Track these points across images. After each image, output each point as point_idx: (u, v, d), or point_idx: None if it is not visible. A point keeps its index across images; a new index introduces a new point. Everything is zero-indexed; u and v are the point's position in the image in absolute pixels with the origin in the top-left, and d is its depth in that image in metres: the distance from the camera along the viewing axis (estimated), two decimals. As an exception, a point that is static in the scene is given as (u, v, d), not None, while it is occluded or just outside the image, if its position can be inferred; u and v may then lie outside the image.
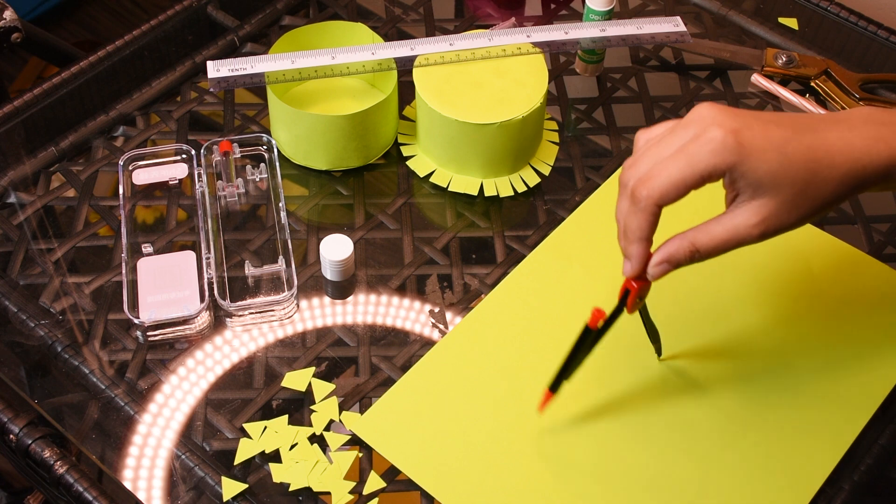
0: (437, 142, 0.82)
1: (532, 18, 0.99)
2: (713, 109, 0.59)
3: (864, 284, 0.78)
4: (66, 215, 0.82)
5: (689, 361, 0.73)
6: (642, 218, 0.60)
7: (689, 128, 0.59)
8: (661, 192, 0.59)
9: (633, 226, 0.61)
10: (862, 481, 0.69)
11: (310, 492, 0.67)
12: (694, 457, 0.69)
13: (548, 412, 0.70)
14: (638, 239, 0.62)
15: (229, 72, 0.83)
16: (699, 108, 0.60)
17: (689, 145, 0.59)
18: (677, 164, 0.59)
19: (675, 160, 0.59)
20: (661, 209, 0.60)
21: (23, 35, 1.16)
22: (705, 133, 0.58)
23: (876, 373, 0.73)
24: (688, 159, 0.58)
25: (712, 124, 0.58)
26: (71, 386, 0.72)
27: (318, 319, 0.76)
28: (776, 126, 0.59)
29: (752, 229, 0.60)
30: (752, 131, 0.58)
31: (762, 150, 0.58)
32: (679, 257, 0.62)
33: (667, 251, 0.62)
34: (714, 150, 0.58)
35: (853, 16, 0.97)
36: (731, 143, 0.57)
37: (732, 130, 0.58)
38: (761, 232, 0.60)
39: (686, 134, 0.59)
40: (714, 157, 0.58)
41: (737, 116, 0.59)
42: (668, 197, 0.59)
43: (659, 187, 0.59)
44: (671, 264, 0.62)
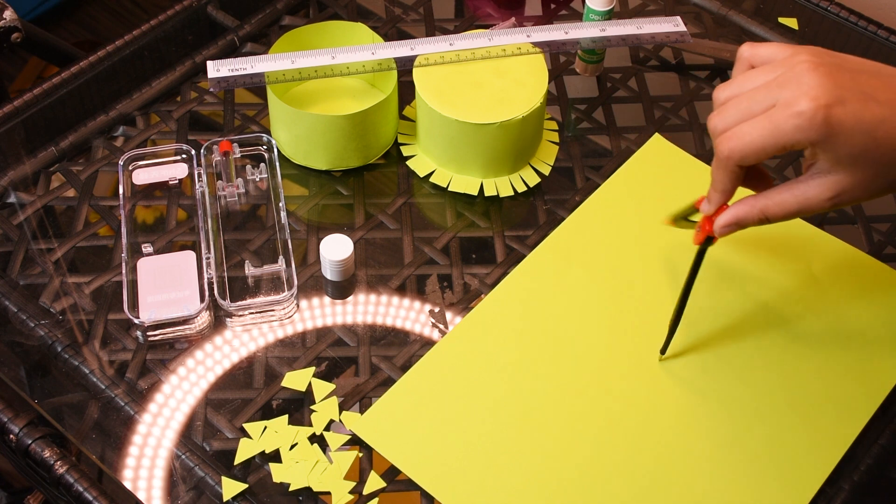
0: (437, 142, 0.82)
1: (532, 18, 0.99)
2: (813, 74, 0.57)
3: (864, 284, 0.78)
4: (66, 215, 0.82)
5: (690, 362, 0.73)
6: (722, 174, 0.61)
7: (784, 87, 0.57)
8: (741, 154, 0.59)
9: (716, 178, 0.62)
10: (862, 481, 0.69)
11: (310, 492, 0.67)
12: (694, 457, 0.69)
13: (548, 412, 0.70)
14: (719, 190, 0.63)
15: (229, 72, 0.83)
16: (801, 67, 0.57)
17: (776, 113, 0.57)
18: (761, 131, 0.58)
19: (761, 125, 0.58)
20: (742, 169, 0.61)
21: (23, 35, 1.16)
22: (796, 103, 0.57)
23: (876, 373, 0.73)
24: (772, 128, 0.57)
25: (806, 94, 0.56)
26: (71, 386, 0.72)
27: (318, 319, 0.76)
28: (874, 103, 0.57)
29: (823, 203, 0.60)
30: (846, 108, 0.56)
31: (850, 131, 0.57)
32: (748, 222, 0.63)
33: (736, 214, 0.63)
34: (800, 125, 0.56)
35: (853, 16, 0.97)
36: (819, 121, 0.56)
37: (825, 106, 0.56)
38: (833, 205, 0.60)
39: (780, 94, 0.58)
40: (798, 133, 0.57)
41: (834, 86, 0.57)
42: (748, 160, 0.59)
43: (740, 150, 0.59)
44: (739, 226, 0.64)
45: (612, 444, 0.69)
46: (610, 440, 0.69)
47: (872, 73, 0.59)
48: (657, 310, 0.75)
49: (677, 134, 0.88)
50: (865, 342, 0.75)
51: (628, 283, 0.77)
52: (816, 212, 0.61)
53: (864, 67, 0.59)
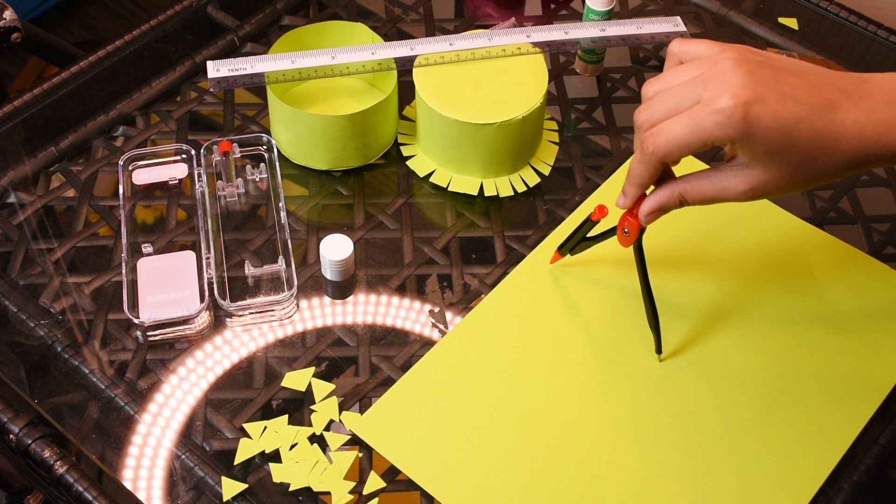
0: (437, 142, 0.82)
1: (532, 18, 0.99)
2: (734, 71, 0.58)
3: (864, 284, 0.78)
4: (66, 215, 0.82)
5: (689, 362, 0.73)
6: (644, 169, 0.63)
7: (707, 84, 0.59)
8: (664, 151, 0.61)
9: (635, 171, 0.64)
10: (862, 481, 0.69)
11: (310, 492, 0.67)
12: (694, 457, 0.69)
13: (548, 412, 0.70)
14: (636, 185, 0.65)
15: (229, 72, 0.83)
16: (725, 64, 0.59)
17: (699, 109, 0.59)
18: (683, 128, 0.60)
19: (683, 122, 0.60)
20: (663, 165, 0.62)
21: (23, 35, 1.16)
22: (717, 100, 0.58)
23: (876, 373, 0.73)
24: (693, 125, 0.59)
25: (727, 92, 0.58)
26: (71, 386, 0.72)
27: (318, 319, 0.76)
28: (793, 102, 0.58)
29: (738, 194, 0.62)
30: (765, 107, 0.58)
31: (767, 130, 0.58)
32: (669, 206, 0.65)
33: (657, 200, 0.65)
34: (719, 122, 0.58)
35: (853, 16, 0.97)
36: (738, 118, 0.58)
37: (744, 103, 0.58)
38: (747, 198, 0.62)
39: (703, 91, 0.59)
40: (718, 130, 0.58)
41: (755, 84, 0.58)
42: (671, 156, 0.61)
43: (664, 145, 0.61)
44: (662, 211, 0.66)
45: (611, 444, 0.69)
46: (610, 440, 0.69)
47: (795, 73, 0.60)
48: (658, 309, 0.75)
49: (677, 134, 0.88)
50: (865, 342, 0.75)
51: (628, 283, 0.77)
52: (731, 201, 0.63)
53: (788, 67, 0.60)
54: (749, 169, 0.61)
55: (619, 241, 0.70)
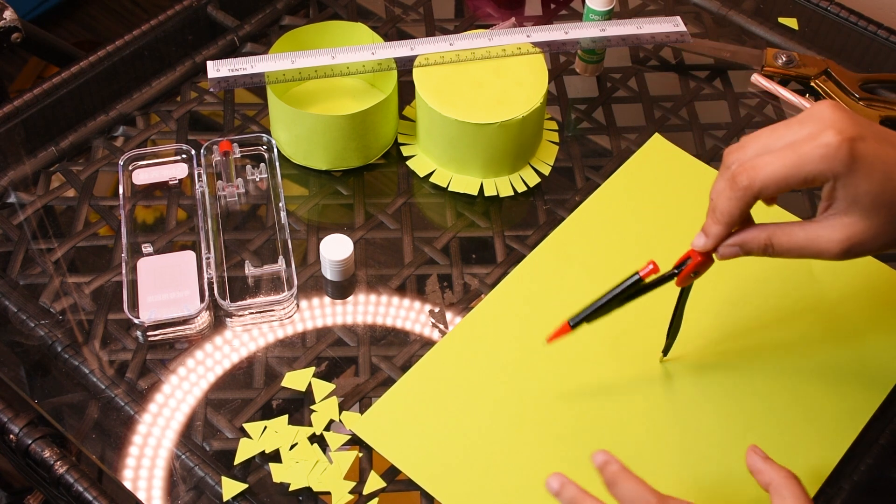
0: (437, 142, 0.82)
1: (532, 18, 0.99)
2: (835, 112, 0.57)
3: (864, 284, 0.78)
4: (66, 215, 0.82)
5: (690, 362, 0.73)
6: (734, 204, 0.59)
7: (805, 124, 0.58)
8: (761, 183, 0.58)
9: (722, 208, 0.60)
10: (862, 481, 0.69)
11: (310, 492, 0.67)
12: (694, 457, 0.69)
13: (548, 412, 0.70)
14: (723, 223, 0.61)
15: (229, 72, 0.83)
16: (820, 107, 0.58)
17: (801, 144, 0.57)
18: (784, 161, 0.57)
19: (784, 155, 0.57)
20: (756, 200, 0.59)
21: (23, 35, 1.16)
22: (821, 135, 0.57)
23: (876, 373, 0.73)
24: (797, 158, 0.57)
25: (830, 128, 0.57)
26: (71, 386, 0.72)
27: (318, 319, 0.76)
28: (890, 146, 0.57)
29: (833, 245, 0.59)
30: (867, 144, 0.57)
31: (871, 167, 0.56)
32: (752, 247, 0.61)
33: (743, 237, 0.61)
34: (826, 155, 0.56)
35: (853, 16, 0.96)
36: (845, 152, 0.56)
37: (849, 139, 0.56)
38: (842, 250, 0.59)
39: (801, 131, 0.58)
40: (824, 163, 0.56)
41: (855, 124, 0.57)
42: (768, 191, 0.58)
43: (761, 179, 0.58)
44: (743, 251, 0.62)
45: (611, 444, 0.69)
46: (610, 440, 0.69)
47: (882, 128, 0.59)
48: (658, 310, 0.75)
49: (677, 134, 0.88)
50: (865, 342, 0.75)
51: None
52: (824, 257, 0.59)
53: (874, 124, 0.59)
54: (846, 217, 0.58)
55: (678, 283, 0.66)
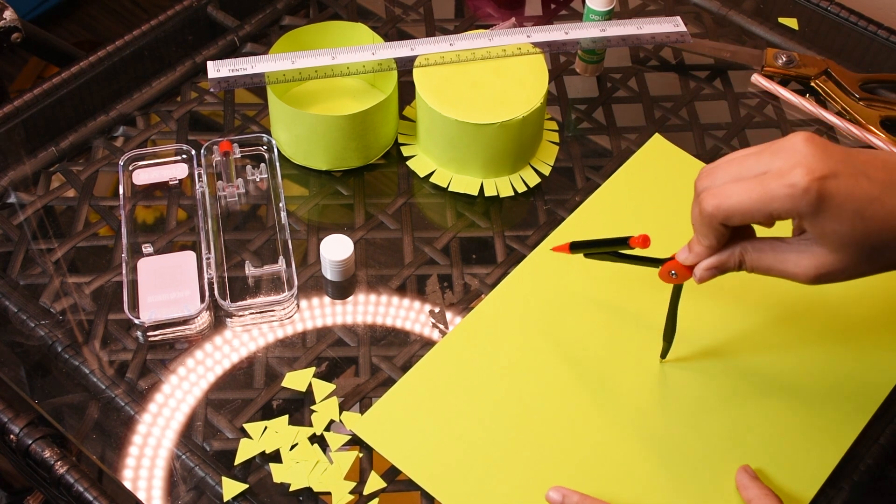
0: (437, 142, 0.82)
1: (532, 18, 0.99)
2: (808, 146, 0.56)
3: (864, 285, 0.78)
4: (66, 215, 0.82)
5: (690, 363, 0.73)
6: (707, 231, 0.60)
7: (777, 156, 0.57)
8: (725, 213, 0.58)
9: (699, 233, 0.61)
10: (862, 481, 0.69)
11: (310, 492, 0.67)
12: (694, 457, 0.69)
13: (548, 413, 0.70)
14: (704, 245, 0.62)
15: (229, 72, 0.83)
16: (795, 139, 0.57)
17: (770, 179, 0.56)
18: (751, 194, 0.57)
19: (751, 188, 0.57)
20: (724, 226, 0.59)
21: (23, 35, 1.16)
22: (790, 173, 0.55)
23: (876, 373, 0.73)
24: (762, 193, 0.56)
25: (800, 165, 0.55)
26: (71, 386, 0.72)
27: (319, 319, 0.76)
28: (866, 179, 0.56)
29: (800, 272, 0.59)
30: (839, 182, 0.55)
31: (840, 207, 0.55)
32: (727, 267, 0.62)
33: (717, 260, 0.62)
34: (792, 195, 0.55)
35: (853, 16, 0.97)
36: (813, 194, 0.55)
37: (819, 178, 0.55)
38: (811, 278, 0.59)
39: (772, 163, 0.57)
40: (789, 202, 0.56)
41: (829, 159, 0.56)
42: (732, 220, 0.58)
43: (725, 209, 0.58)
44: (719, 272, 0.62)
45: (611, 444, 0.69)
46: (610, 440, 0.69)
47: (863, 151, 0.58)
48: (657, 310, 0.75)
49: (677, 134, 0.88)
50: (865, 342, 0.75)
51: (629, 283, 0.77)
52: (794, 280, 0.59)
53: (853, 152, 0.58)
54: (816, 247, 0.58)
55: (660, 276, 0.66)
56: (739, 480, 0.66)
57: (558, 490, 0.65)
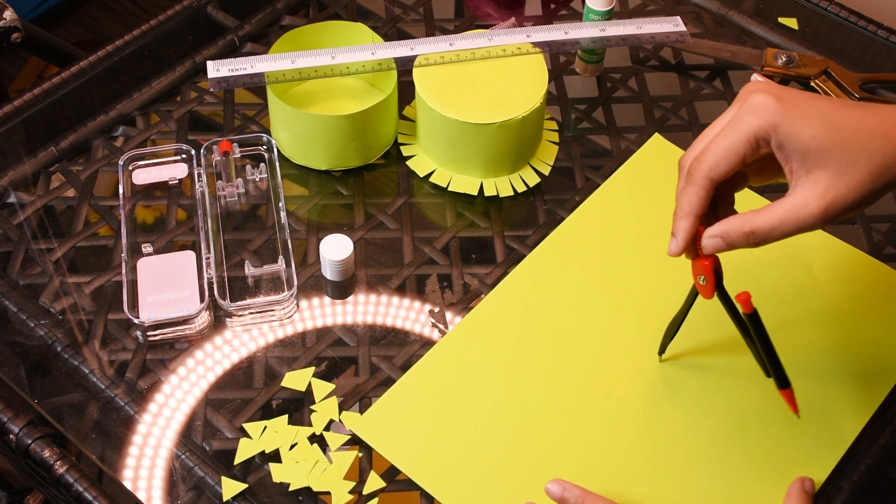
0: (437, 142, 0.82)
1: (532, 18, 0.99)
2: (759, 83, 0.60)
3: (864, 284, 0.78)
4: (66, 215, 0.82)
5: (689, 362, 0.73)
6: (692, 191, 0.60)
7: (735, 103, 0.61)
8: (712, 163, 0.59)
9: (682, 201, 0.61)
10: (862, 481, 0.69)
11: (310, 492, 0.67)
12: (694, 457, 0.69)
13: (547, 412, 0.70)
14: (686, 214, 0.61)
15: (229, 72, 0.83)
16: (746, 86, 0.61)
17: (736, 117, 0.60)
18: (724, 135, 0.59)
19: (723, 132, 0.60)
20: (714, 184, 0.60)
21: (23, 35, 1.16)
22: (748, 100, 0.59)
23: (876, 373, 0.73)
24: (732, 126, 0.59)
25: (756, 91, 0.59)
26: (71, 386, 0.72)
27: (318, 319, 0.76)
28: (822, 100, 0.59)
29: (812, 209, 0.57)
30: (797, 98, 0.58)
31: (806, 114, 0.58)
32: (734, 236, 0.60)
33: (722, 227, 0.61)
34: (756, 111, 0.58)
35: (853, 16, 0.97)
36: (773, 103, 0.58)
37: (776, 95, 0.58)
38: (822, 210, 0.57)
39: (733, 109, 0.61)
40: (757, 119, 0.58)
41: (780, 87, 0.60)
42: (720, 167, 0.59)
43: (709, 159, 0.59)
44: (725, 241, 0.61)
45: (611, 444, 0.69)
46: (610, 440, 0.69)
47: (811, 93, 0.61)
48: (657, 309, 0.75)
49: (677, 134, 0.88)
50: (865, 342, 0.75)
51: (628, 283, 0.77)
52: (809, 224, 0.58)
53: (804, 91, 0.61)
54: (810, 173, 0.58)
55: (702, 294, 0.64)
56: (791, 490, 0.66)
57: (558, 483, 0.65)
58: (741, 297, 0.62)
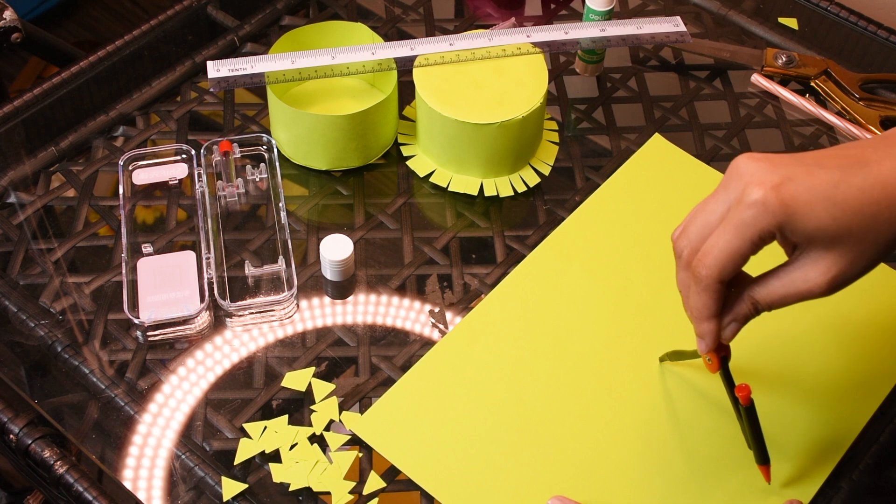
0: (437, 142, 0.82)
1: (532, 18, 0.99)
2: (751, 163, 0.56)
3: (864, 284, 0.78)
4: (66, 215, 0.82)
5: (689, 362, 0.73)
6: (707, 297, 0.59)
7: (729, 188, 0.57)
8: (719, 268, 0.57)
9: (699, 305, 0.60)
10: (862, 481, 0.69)
11: (310, 492, 0.67)
12: (694, 457, 0.69)
13: (548, 412, 0.70)
14: (707, 317, 0.60)
15: (229, 72, 0.83)
16: (737, 163, 0.57)
17: (732, 212, 0.56)
18: (726, 236, 0.56)
19: (724, 231, 0.56)
20: (723, 285, 0.58)
21: (23, 35, 1.16)
22: (745, 195, 0.55)
23: (876, 373, 0.73)
24: (735, 229, 0.56)
25: (750, 184, 0.55)
26: (71, 386, 0.72)
27: (318, 319, 0.76)
28: (821, 169, 0.55)
29: (815, 287, 0.57)
30: (795, 183, 0.55)
31: (808, 203, 0.54)
32: (745, 316, 0.60)
33: (732, 312, 0.60)
34: (757, 213, 0.55)
35: (853, 16, 0.97)
36: (774, 202, 0.54)
37: (773, 187, 0.54)
38: (826, 286, 0.57)
39: (728, 196, 0.57)
40: (760, 222, 0.55)
41: (777, 168, 0.55)
42: (727, 271, 0.57)
43: (716, 264, 0.57)
44: (738, 323, 0.61)
45: (612, 444, 0.69)
46: (610, 440, 0.69)
47: (814, 151, 0.58)
48: (657, 309, 0.76)
49: (677, 134, 0.88)
50: (865, 342, 0.75)
51: (628, 283, 0.77)
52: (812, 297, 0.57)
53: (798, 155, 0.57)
54: (814, 253, 0.56)
55: (707, 367, 0.65)
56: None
57: (558, 499, 0.65)
58: (742, 391, 0.63)
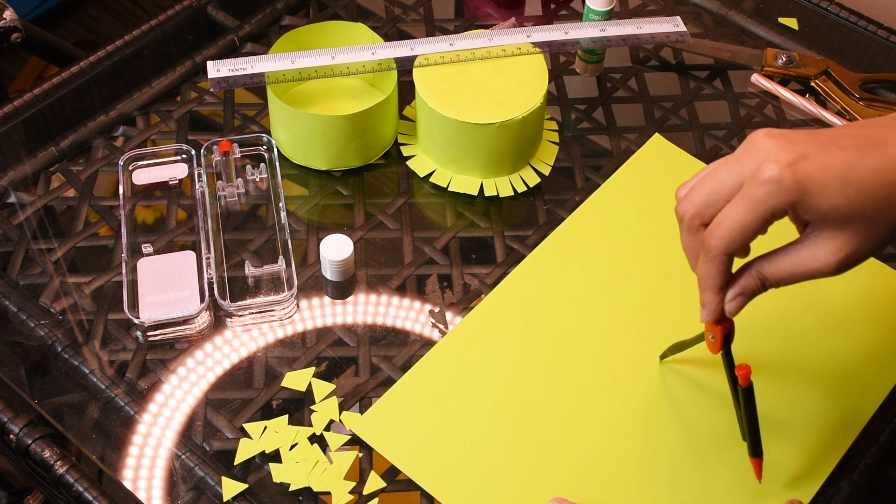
0: (437, 142, 0.82)
1: (532, 18, 0.99)
2: (768, 140, 0.56)
3: (864, 284, 0.78)
4: (66, 215, 0.82)
5: (689, 362, 0.73)
6: (713, 267, 0.59)
7: (743, 161, 0.56)
8: (728, 240, 0.57)
9: (704, 274, 0.60)
10: (862, 481, 0.69)
11: (310, 492, 0.67)
12: (694, 457, 0.69)
13: (548, 413, 0.70)
14: (711, 287, 0.60)
15: (229, 72, 0.83)
16: (754, 138, 0.56)
17: (746, 187, 0.56)
18: (738, 210, 0.56)
19: (736, 206, 0.56)
20: (732, 258, 0.58)
21: (23, 35, 1.16)
22: (760, 172, 0.55)
23: (876, 373, 0.73)
24: (748, 203, 0.55)
25: (766, 160, 0.55)
26: (71, 386, 0.72)
27: (318, 319, 0.76)
28: (837, 149, 0.55)
29: (825, 266, 0.57)
30: (810, 162, 0.54)
31: (822, 183, 0.54)
32: (752, 291, 0.60)
33: (739, 286, 0.60)
34: (772, 190, 0.54)
35: (853, 16, 0.97)
36: (788, 180, 0.54)
37: (788, 165, 0.54)
38: (836, 266, 0.57)
39: (742, 169, 0.56)
40: (773, 199, 0.55)
41: (793, 145, 0.55)
42: (736, 244, 0.57)
43: (726, 236, 0.57)
44: (747, 297, 0.60)
45: (612, 444, 0.69)
46: (610, 440, 0.69)
47: (826, 129, 0.58)
48: (657, 309, 0.76)
49: (677, 134, 0.89)
50: (866, 342, 0.75)
51: (628, 283, 0.77)
52: (821, 276, 0.57)
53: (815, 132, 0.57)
54: (826, 233, 0.56)
55: (709, 348, 0.65)
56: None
57: (558, 501, 0.65)
58: (742, 370, 0.62)
